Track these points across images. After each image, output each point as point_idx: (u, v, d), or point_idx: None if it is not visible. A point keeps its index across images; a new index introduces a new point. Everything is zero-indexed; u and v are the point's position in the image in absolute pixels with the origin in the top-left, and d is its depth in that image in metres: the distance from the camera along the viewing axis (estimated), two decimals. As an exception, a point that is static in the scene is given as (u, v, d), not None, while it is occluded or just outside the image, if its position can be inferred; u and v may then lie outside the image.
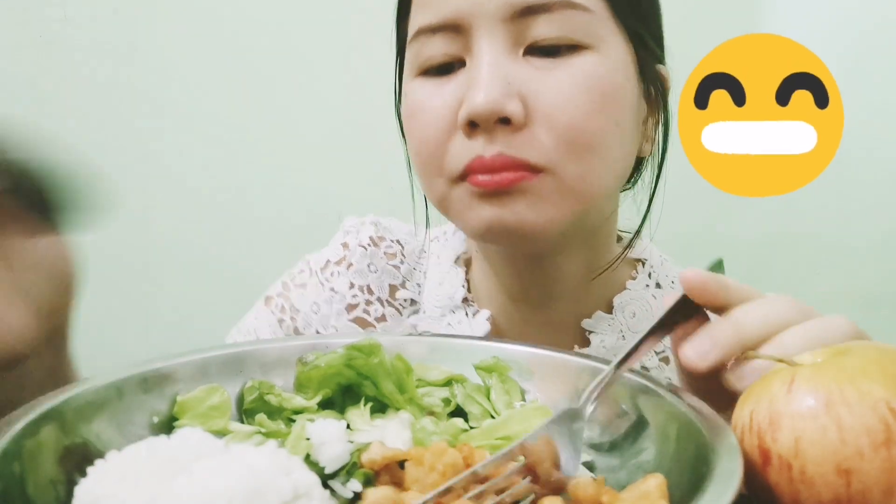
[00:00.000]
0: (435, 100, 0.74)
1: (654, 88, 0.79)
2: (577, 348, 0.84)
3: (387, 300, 0.92)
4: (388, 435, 0.55)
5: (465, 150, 0.72)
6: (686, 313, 0.57)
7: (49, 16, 1.86)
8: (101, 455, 0.48)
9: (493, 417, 0.59)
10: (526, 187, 0.71)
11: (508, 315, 0.87)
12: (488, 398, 0.61)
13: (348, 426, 0.55)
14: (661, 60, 0.81)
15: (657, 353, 0.87)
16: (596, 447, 0.57)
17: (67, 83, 1.86)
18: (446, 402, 0.61)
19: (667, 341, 0.60)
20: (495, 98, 0.69)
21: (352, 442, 0.53)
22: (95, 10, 1.86)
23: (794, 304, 0.55)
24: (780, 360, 0.50)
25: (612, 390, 0.56)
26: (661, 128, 0.82)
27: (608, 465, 0.56)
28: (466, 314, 0.88)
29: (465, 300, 0.89)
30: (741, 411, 0.49)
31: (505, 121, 0.70)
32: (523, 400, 0.62)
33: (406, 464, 0.49)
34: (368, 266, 0.92)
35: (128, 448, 0.48)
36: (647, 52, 0.77)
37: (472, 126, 0.71)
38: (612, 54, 0.73)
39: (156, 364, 0.57)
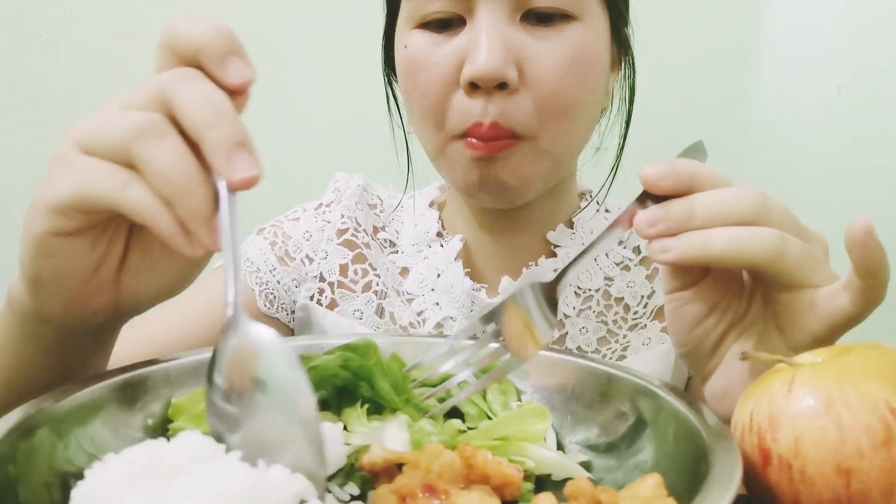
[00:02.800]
0: (437, 55, 0.81)
1: (619, 48, 0.88)
2: (543, 259, 0.95)
3: (371, 235, 1.00)
4: (386, 437, 0.55)
5: (466, 111, 0.80)
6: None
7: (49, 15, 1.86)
8: (95, 458, 0.48)
9: (489, 418, 0.59)
10: (509, 153, 0.80)
11: (479, 240, 0.97)
12: (485, 399, 0.61)
13: (345, 428, 0.55)
14: (628, 23, 0.89)
15: (618, 264, 0.97)
16: (593, 448, 0.58)
17: (67, 83, 1.87)
18: (441, 402, 0.61)
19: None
20: (496, 64, 0.76)
21: (349, 444, 0.53)
22: (95, 10, 1.87)
23: (757, 196, 0.57)
24: (781, 360, 0.50)
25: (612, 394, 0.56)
26: (626, 83, 0.92)
27: (605, 465, 0.56)
28: (441, 245, 0.98)
29: (439, 234, 1.00)
30: (741, 411, 0.50)
31: (502, 85, 0.78)
32: (519, 400, 0.62)
33: (403, 468, 0.49)
34: (356, 204, 1.01)
35: (125, 451, 0.47)
36: (619, 16, 0.86)
37: (473, 87, 0.79)
38: (594, 23, 0.81)
39: (151, 365, 0.57)
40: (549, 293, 0.60)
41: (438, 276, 0.96)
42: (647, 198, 0.58)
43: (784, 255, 0.55)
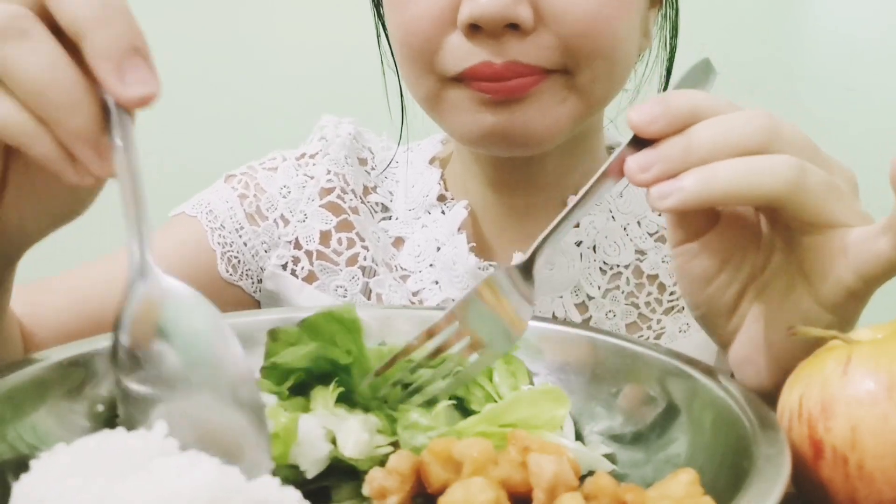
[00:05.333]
0: None
1: None
2: None
3: (360, 196, 0.96)
4: (343, 431, 0.54)
5: (467, 51, 0.75)
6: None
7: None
8: (37, 449, 0.47)
9: (495, 402, 0.59)
10: (536, 92, 0.75)
11: (488, 204, 0.93)
12: (490, 381, 0.60)
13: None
14: None
15: (651, 234, 0.93)
16: (618, 438, 0.58)
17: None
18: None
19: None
20: (503, 1, 0.71)
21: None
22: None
23: (765, 120, 0.55)
24: (835, 337, 0.49)
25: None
26: (668, 23, 0.88)
27: (632, 459, 0.56)
28: (443, 211, 0.94)
29: (440, 198, 0.95)
30: (789, 395, 0.49)
31: (513, 26, 0.73)
32: (531, 383, 0.61)
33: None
34: (346, 158, 0.96)
35: (77, 441, 0.47)
36: None
37: (474, 28, 0.74)
38: None
39: (101, 342, 0.56)
40: (525, 275, 0.59)
41: (438, 249, 0.92)
42: (640, 141, 0.56)
43: (804, 186, 0.54)
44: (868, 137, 1.64)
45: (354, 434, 0.54)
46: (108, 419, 0.54)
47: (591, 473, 0.51)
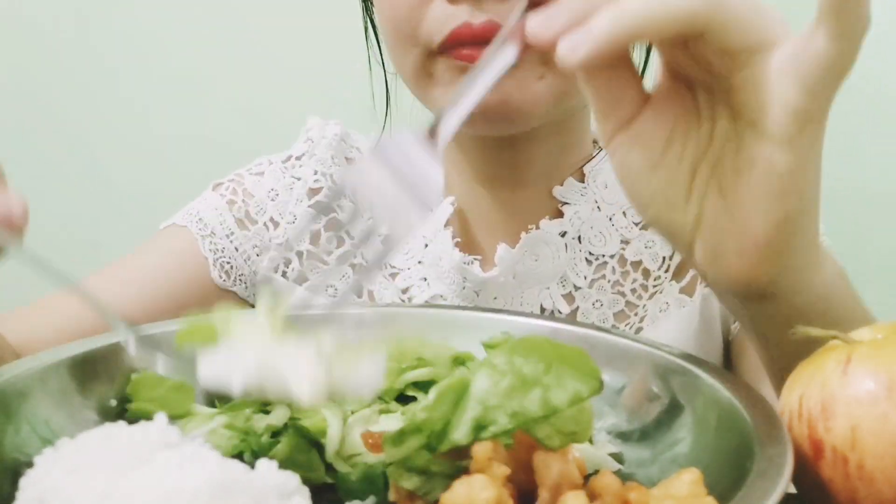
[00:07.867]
0: None
1: None
2: (547, 220, 0.90)
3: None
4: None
5: (448, 15, 0.76)
6: None
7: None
8: (50, 443, 0.49)
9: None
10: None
11: (475, 198, 0.94)
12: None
13: None
14: None
15: (637, 224, 0.92)
16: (624, 436, 0.58)
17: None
18: None
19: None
20: None
21: None
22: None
23: None
24: (834, 336, 0.50)
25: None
26: None
27: (638, 457, 0.56)
28: None
29: None
30: (789, 395, 0.49)
31: None
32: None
33: None
34: (332, 158, 0.98)
35: (81, 435, 0.48)
36: None
37: None
38: None
39: (113, 337, 0.57)
40: (430, 136, 0.55)
41: (426, 245, 0.92)
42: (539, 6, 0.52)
43: (724, 1, 0.49)
44: (868, 135, 1.64)
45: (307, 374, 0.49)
46: (120, 413, 0.55)
47: (597, 472, 0.51)
